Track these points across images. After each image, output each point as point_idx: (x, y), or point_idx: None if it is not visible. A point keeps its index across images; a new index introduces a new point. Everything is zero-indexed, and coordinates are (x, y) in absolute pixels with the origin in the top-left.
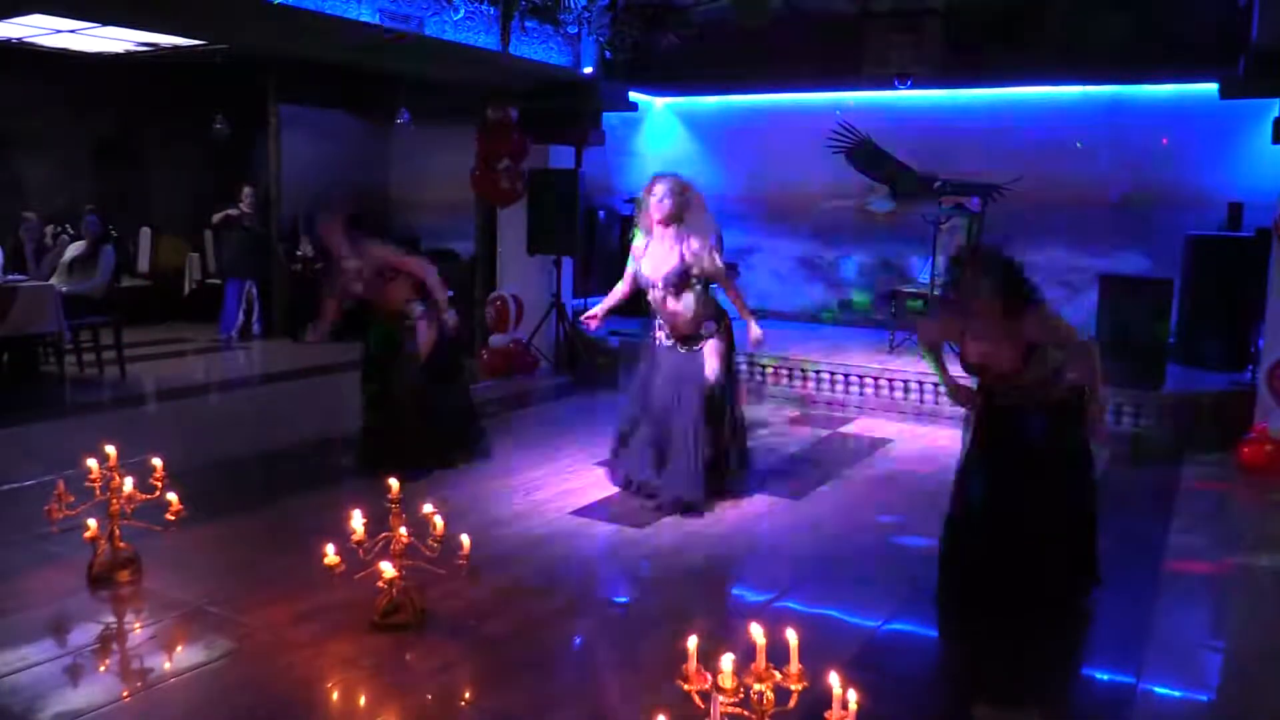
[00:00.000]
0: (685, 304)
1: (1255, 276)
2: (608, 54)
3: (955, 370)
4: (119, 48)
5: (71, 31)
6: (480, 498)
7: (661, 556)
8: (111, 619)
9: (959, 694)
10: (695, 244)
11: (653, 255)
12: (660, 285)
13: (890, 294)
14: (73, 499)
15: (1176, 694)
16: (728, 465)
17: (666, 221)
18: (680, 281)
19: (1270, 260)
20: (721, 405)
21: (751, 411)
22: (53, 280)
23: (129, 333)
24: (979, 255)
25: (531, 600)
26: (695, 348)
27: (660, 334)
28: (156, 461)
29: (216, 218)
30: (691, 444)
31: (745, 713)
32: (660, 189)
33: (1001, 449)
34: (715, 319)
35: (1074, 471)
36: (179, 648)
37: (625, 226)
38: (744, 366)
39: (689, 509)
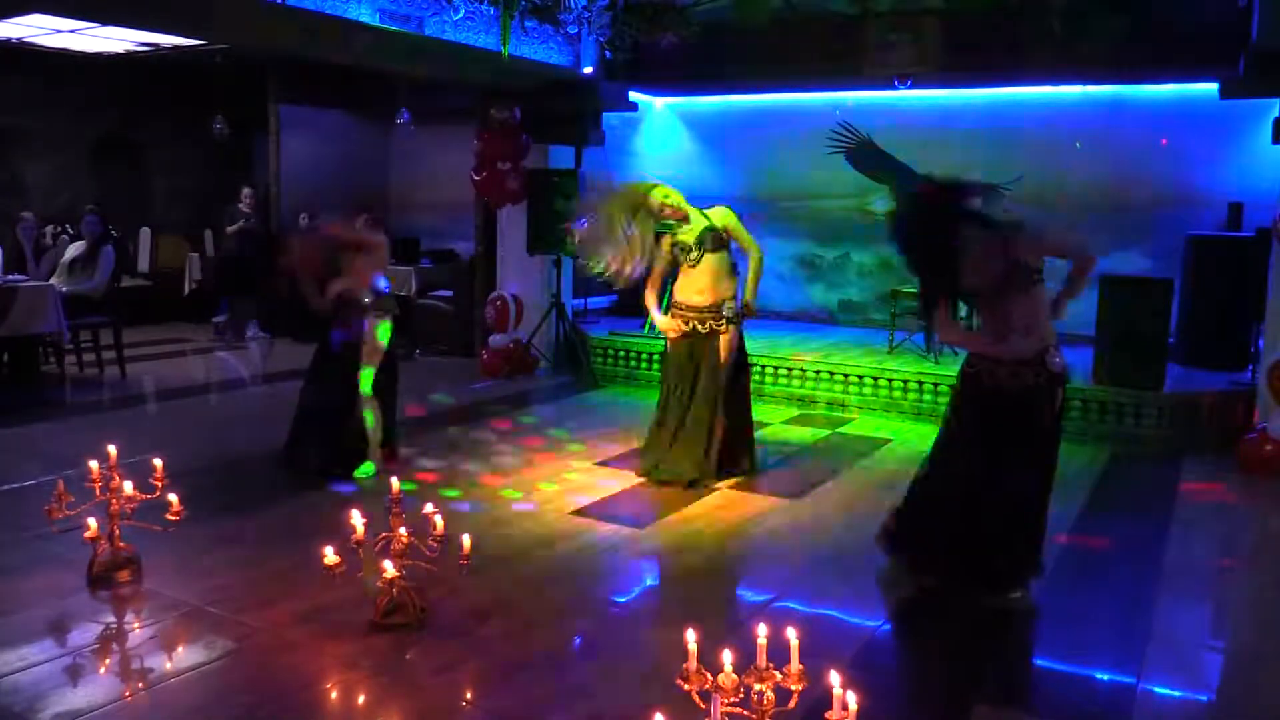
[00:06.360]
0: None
1: (1255, 276)
2: (608, 54)
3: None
4: (119, 48)
5: (71, 31)
6: (480, 498)
7: (661, 556)
8: (111, 619)
9: (959, 694)
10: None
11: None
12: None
13: (890, 294)
14: (73, 499)
15: (1176, 694)
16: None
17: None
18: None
19: (1270, 260)
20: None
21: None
22: (53, 280)
23: (129, 333)
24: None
25: (531, 600)
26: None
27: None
28: (156, 461)
29: (230, 229)
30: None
31: (745, 713)
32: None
33: (973, 428)
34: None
35: (1037, 459)
36: (179, 648)
37: None
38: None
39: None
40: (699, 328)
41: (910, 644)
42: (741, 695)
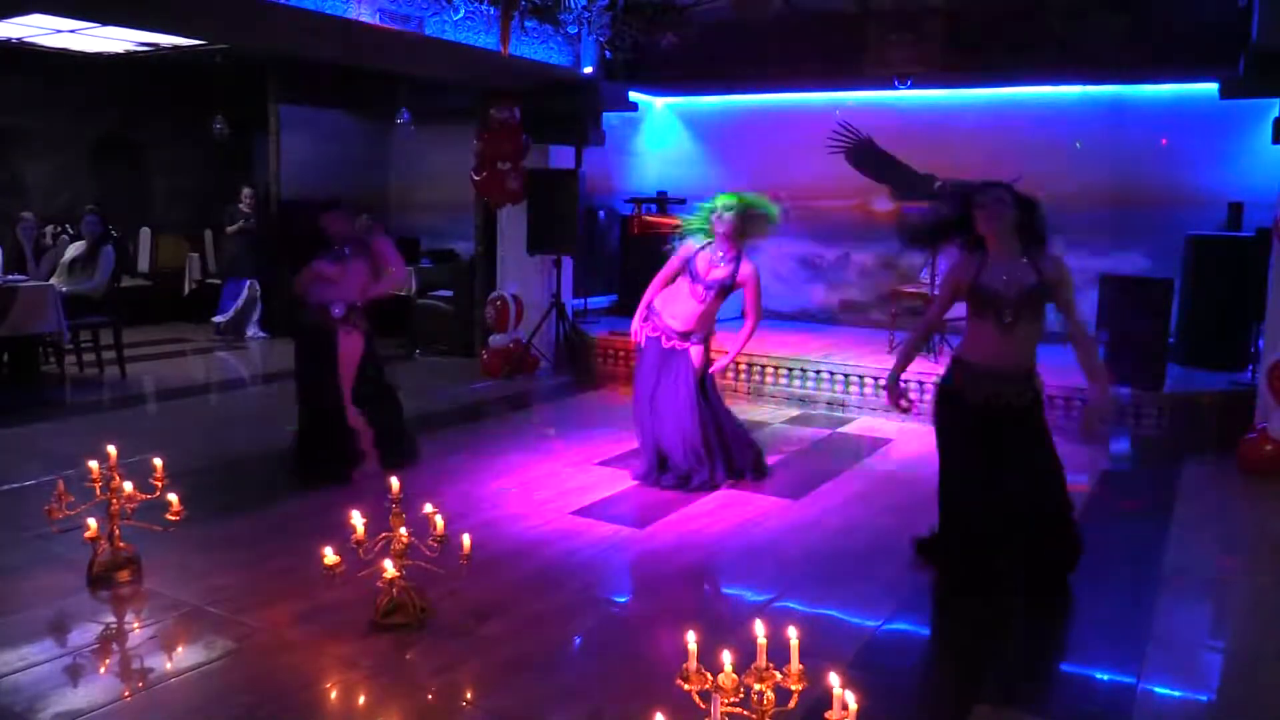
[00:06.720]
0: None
1: (1255, 276)
2: (608, 54)
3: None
4: (119, 48)
5: (71, 31)
6: (480, 498)
7: (661, 556)
8: (111, 619)
9: (959, 694)
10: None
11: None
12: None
13: (890, 294)
14: (73, 499)
15: (1176, 694)
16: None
17: (730, 237)
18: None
19: (1270, 260)
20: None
21: (751, 411)
22: (53, 280)
23: (129, 333)
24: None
25: (531, 600)
26: (682, 346)
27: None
28: (156, 461)
29: (231, 229)
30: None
31: (745, 713)
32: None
33: (965, 451)
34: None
35: (1035, 464)
36: (179, 648)
37: (625, 227)
38: (744, 366)
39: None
40: (663, 341)
41: (910, 644)
42: (741, 695)
